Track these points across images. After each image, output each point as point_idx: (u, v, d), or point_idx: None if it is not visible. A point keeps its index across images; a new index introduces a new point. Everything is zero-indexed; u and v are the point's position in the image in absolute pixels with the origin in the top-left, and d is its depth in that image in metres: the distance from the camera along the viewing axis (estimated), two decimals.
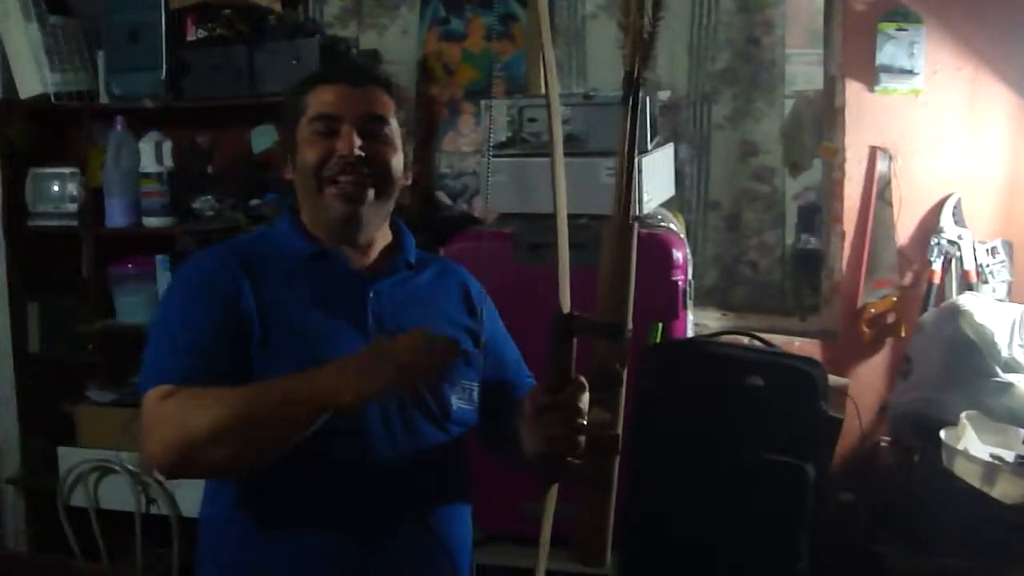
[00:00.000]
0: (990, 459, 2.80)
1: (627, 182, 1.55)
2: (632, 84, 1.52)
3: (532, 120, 3.21)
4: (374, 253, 1.95)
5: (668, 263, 2.98)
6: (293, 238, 1.93)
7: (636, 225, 1.56)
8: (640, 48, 1.50)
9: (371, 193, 1.87)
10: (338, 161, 1.85)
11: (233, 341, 1.78)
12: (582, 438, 1.60)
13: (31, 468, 4.06)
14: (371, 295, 1.88)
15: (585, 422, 1.59)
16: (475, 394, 1.96)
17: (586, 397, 1.62)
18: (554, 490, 1.66)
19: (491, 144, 3.31)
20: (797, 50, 3.85)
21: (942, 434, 2.88)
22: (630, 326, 1.57)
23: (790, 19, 3.78)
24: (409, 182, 3.55)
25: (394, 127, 1.92)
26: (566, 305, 1.61)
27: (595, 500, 1.60)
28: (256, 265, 1.87)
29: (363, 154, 1.85)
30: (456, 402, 1.91)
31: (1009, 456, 2.82)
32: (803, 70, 3.85)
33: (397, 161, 1.91)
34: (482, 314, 2.03)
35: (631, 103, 1.54)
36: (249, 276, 1.84)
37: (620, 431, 1.58)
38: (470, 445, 1.99)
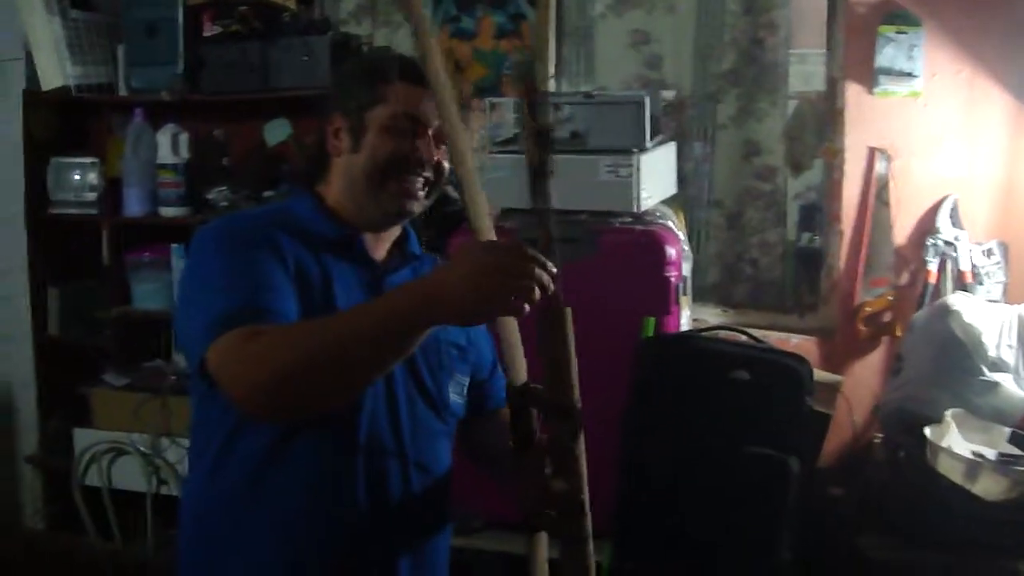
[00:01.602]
0: (972, 456, 2.86)
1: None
2: (539, 177, 1.56)
3: None
4: (388, 244, 1.99)
5: (661, 260, 3.05)
6: (317, 219, 1.92)
7: (570, 310, 1.56)
8: (542, 146, 1.54)
9: (423, 194, 1.91)
10: (415, 162, 1.87)
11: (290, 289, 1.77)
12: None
13: (48, 448, 4.19)
14: (386, 287, 1.91)
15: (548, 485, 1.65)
16: (465, 388, 2.03)
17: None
18: (540, 538, 1.73)
19: (497, 140, 3.40)
20: (800, 51, 3.90)
21: (927, 431, 2.94)
22: (578, 402, 1.59)
23: (794, 21, 3.82)
24: None
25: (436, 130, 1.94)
26: (521, 376, 1.68)
27: (575, 553, 1.66)
28: (293, 241, 1.86)
29: (435, 160, 1.89)
30: (452, 394, 1.98)
31: (991, 454, 2.88)
32: (806, 70, 3.90)
33: (445, 164, 1.94)
34: None
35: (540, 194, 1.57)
36: (293, 250, 1.83)
37: (585, 495, 1.62)
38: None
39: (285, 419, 1.75)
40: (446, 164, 1.92)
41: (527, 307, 1.48)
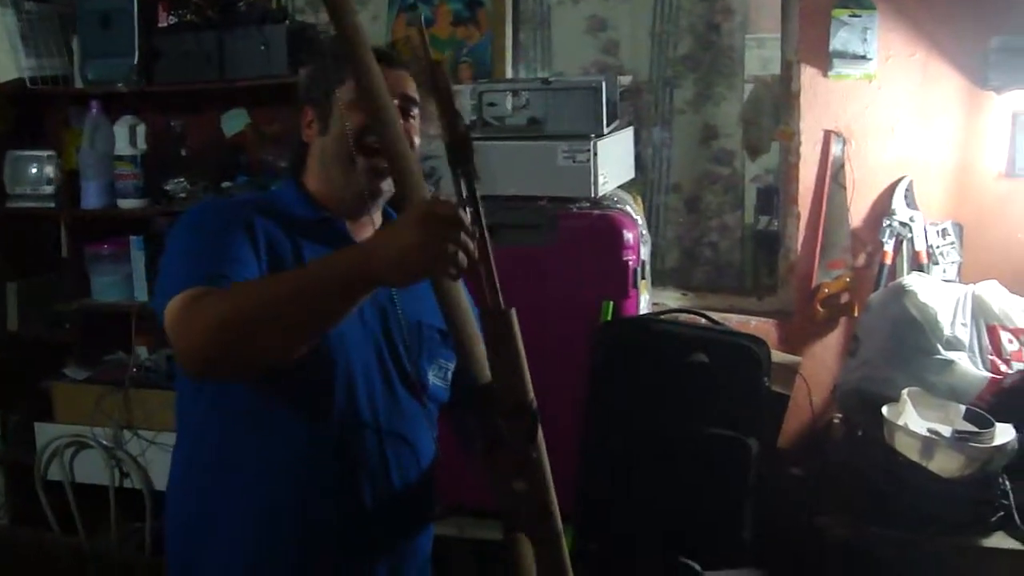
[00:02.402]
0: (928, 434, 2.89)
1: (489, 272, 1.57)
2: (467, 178, 1.56)
3: (492, 105, 3.30)
4: (371, 230, 1.98)
5: (618, 244, 3.07)
6: (298, 204, 1.96)
7: (513, 312, 1.56)
8: (463, 147, 1.55)
9: None
10: None
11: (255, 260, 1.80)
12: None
13: (10, 443, 4.16)
14: None
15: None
16: (449, 374, 2.03)
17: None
18: (520, 538, 1.71)
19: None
20: (758, 35, 3.93)
21: (884, 410, 2.96)
22: (533, 403, 1.60)
23: (751, 6, 3.85)
24: None
25: (418, 111, 1.97)
26: (484, 375, 1.67)
27: (545, 553, 1.66)
28: (269, 223, 1.89)
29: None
30: (432, 378, 1.99)
31: (947, 431, 2.90)
32: (763, 55, 3.93)
33: (418, 142, 1.96)
34: None
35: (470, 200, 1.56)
36: (266, 231, 1.86)
37: (550, 496, 1.63)
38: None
39: (223, 376, 1.75)
40: (416, 139, 1.95)
41: (454, 271, 1.49)
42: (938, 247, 3.47)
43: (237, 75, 3.75)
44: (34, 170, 4.04)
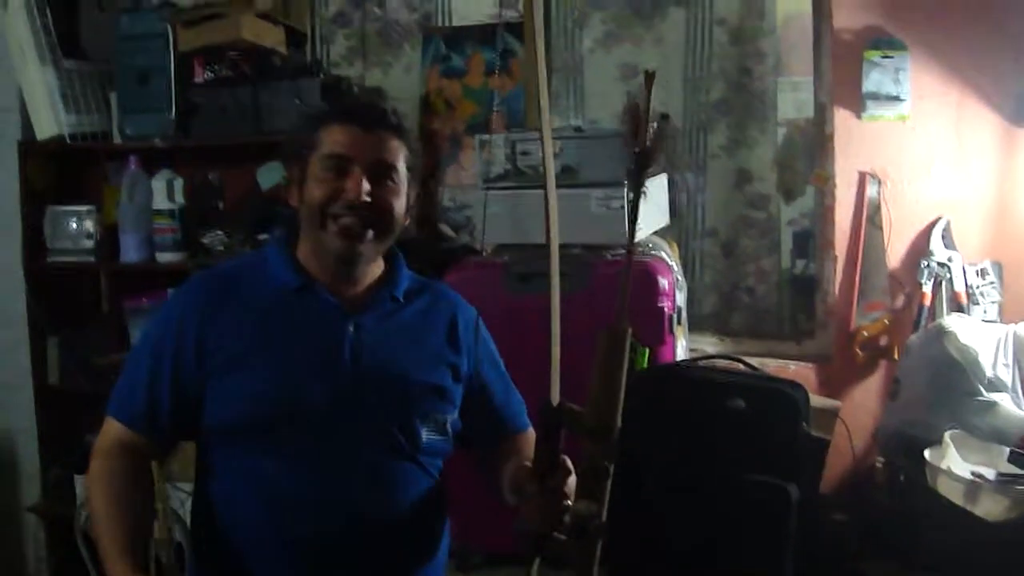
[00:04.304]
0: (972, 477, 2.85)
1: (626, 282, 1.60)
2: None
3: (525, 154, 3.30)
4: (363, 285, 2.02)
5: (654, 290, 3.05)
6: (279, 269, 1.99)
7: (629, 331, 1.60)
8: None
9: (370, 233, 1.94)
10: (344, 202, 1.91)
11: (168, 391, 1.97)
12: (565, 520, 1.64)
13: (50, 497, 4.18)
14: (351, 329, 1.94)
15: (570, 505, 1.63)
16: (449, 424, 2.04)
17: (572, 481, 1.66)
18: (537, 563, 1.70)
19: (488, 177, 3.39)
20: (791, 78, 3.92)
21: (926, 453, 2.93)
22: (619, 425, 1.60)
23: (783, 49, 3.85)
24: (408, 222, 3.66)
25: (401, 172, 1.98)
26: (555, 396, 1.66)
27: (586, 548, 1.64)
28: (227, 297, 1.95)
29: (369, 199, 1.91)
30: (426, 434, 1.99)
31: (991, 474, 2.86)
32: (798, 98, 3.91)
33: (400, 205, 1.98)
34: (462, 344, 2.09)
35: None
36: (208, 311, 1.93)
37: (605, 520, 1.61)
38: (453, 468, 2.09)
39: None
40: (394, 200, 1.96)
41: None
42: (978, 287, 3.44)
43: (273, 129, 3.78)
44: (74, 225, 4.10)
